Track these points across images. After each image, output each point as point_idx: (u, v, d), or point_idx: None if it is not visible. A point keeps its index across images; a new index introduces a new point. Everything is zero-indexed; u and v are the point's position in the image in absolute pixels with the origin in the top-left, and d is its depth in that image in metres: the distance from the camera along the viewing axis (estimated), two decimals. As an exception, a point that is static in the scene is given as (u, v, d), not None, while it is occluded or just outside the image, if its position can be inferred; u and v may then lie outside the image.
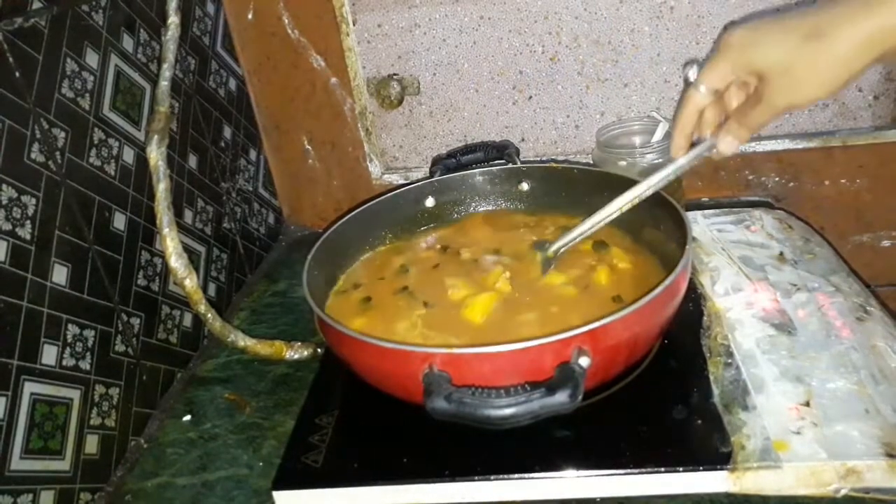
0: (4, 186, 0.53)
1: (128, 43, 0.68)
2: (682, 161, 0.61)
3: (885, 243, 0.92)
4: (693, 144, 0.61)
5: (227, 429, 0.65)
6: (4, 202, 0.53)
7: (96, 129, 0.64)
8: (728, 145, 0.58)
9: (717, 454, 0.51)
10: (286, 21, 0.90)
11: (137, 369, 0.67)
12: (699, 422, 0.54)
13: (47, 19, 0.58)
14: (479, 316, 0.62)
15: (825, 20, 0.49)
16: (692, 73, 0.57)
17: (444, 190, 0.79)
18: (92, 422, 0.60)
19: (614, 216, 0.64)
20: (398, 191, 0.77)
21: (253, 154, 0.95)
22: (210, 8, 0.85)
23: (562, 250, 0.67)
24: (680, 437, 0.53)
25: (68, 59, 0.60)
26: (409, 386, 0.51)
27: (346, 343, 0.56)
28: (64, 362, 0.57)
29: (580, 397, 0.47)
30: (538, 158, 0.94)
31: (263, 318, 0.81)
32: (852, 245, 0.92)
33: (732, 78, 0.55)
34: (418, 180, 0.82)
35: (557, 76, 0.89)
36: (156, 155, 0.66)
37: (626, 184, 0.68)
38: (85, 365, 0.60)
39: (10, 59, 0.54)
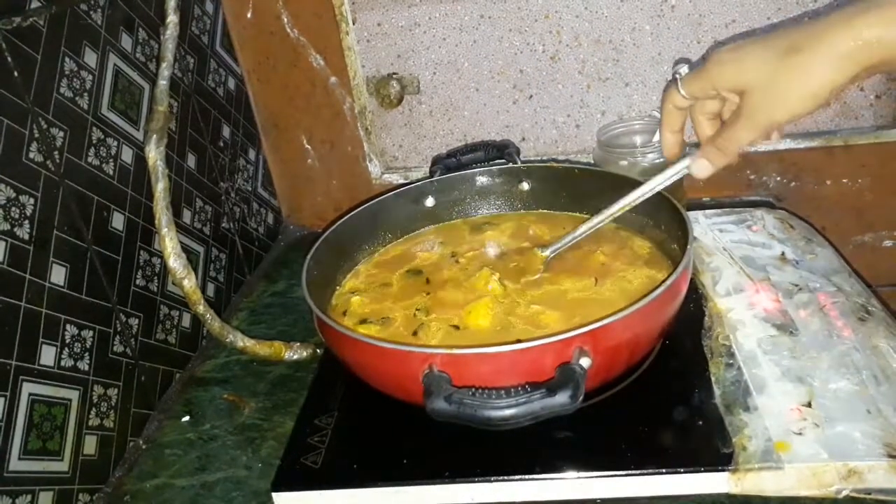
0: (3, 186, 0.53)
1: (126, 42, 0.68)
2: (665, 176, 0.61)
3: (887, 243, 0.91)
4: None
5: (226, 430, 0.64)
6: (3, 202, 0.53)
7: (95, 129, 0.63)
8: (700, 167, 0.58)
9: (718, 455, 0.51)
10: (285, 20, 0.90)
11: (136, 370, 0.66)
12: (700, 423, 0.54)
13: (46, 18, 0.58)
14: (484, 320, 0.62)
15: (804, 35, 0.49)
16: (681, 71, 0.57)
17: (444, 190, 0.79)
18: (90, 422, 0.60)
19: (605, 222, 0.66)
20: (398, 190, 0.77)
21: (252, 154, 0.94)
22: (209, 7, 0.85)
23: (555, 252, 0.68)
24: (681, 438, 0.53)
25: (67, 59, 0.60)
26: (408, 387, 0.51)
27: (345, 344, 0.56)
28: (62, 363, 0.57)
29: (581, 398, 0.46)
30: (539, 158, 0.94)
31: (262, 318, 0.81)
32: (854, 245, 0.92)
33: (713, 92, 0.55)
34: (418, 180, 0.81)
35: (558, 75, 0.89)
36: (154, 154, 0.66)
37: (627, 183, 0.67)
38: (83, 365, 0.59)
39: (9, 59, 0.54)
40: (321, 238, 0.68)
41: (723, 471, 0.50)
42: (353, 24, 0.89)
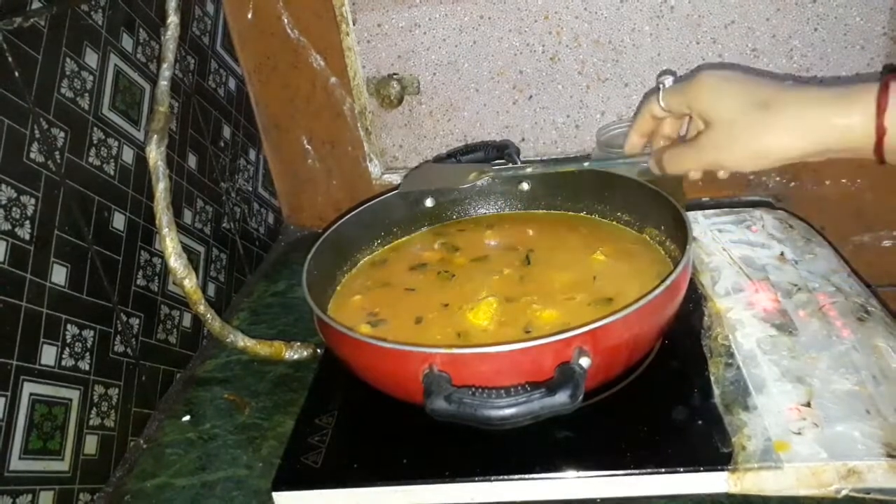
0: (4, 186, 0.53)
1: (127, 42, 0.68)
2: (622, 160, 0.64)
3: (886, 243, 0.91)
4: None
5: (227, 429, 0.65)
6: (4, 202, 0.53)
7: (96, 129, 0.64)
8: (651, 166, 0.60)
9: (717, 455, 0.51)
10: (286, 20, 0.90)
11: (137, 369, 0.67)
12: (700, 422, 0.54)
13: (47, 19, 0.58)
14: (484, 319, 0.62)
15: (781, 95, 0.49)
16: (665, 82, 0.58)
17: (443, 190, 0.79)
18: (91, 422, 0.60)
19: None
20: (398, 191, 0.77)
21: (252, 154, 0.95)
22: (209, 7, 0.85)
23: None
24: (680, 438, 0.53)
25: (68, 59, 0.60)
26: (408, 386, 0.51)
27: (345, 343, 0.56)
28: (63, 362, 0.57)
29: (581, 398, 0.47)
30: (538, 158, 0.94)
31: (263, 318, 0.81)
32: (853, 245, 0.92)
33: (687, 111, 0.56)
34: (418, 180, 0.81)
35: (558, 76, 0.89)
36: (155, 155, 0.66)
37: (627, 183, 0.68)
38: (84, 365, 0.60)
39: (10, 59, 0.54)
40: (321, 238, 0.69)
41: (722, 470, 0.50)
42: (354, 24, 0.89)
